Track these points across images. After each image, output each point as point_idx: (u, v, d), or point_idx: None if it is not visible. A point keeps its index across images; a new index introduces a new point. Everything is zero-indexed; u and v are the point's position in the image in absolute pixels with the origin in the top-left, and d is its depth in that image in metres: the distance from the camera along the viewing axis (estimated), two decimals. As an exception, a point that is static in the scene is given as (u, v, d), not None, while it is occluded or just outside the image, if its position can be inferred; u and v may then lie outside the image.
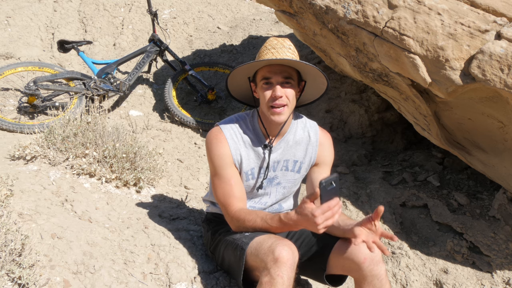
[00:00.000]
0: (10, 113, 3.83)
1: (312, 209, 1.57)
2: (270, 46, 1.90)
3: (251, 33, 5.65)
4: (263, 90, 1.89)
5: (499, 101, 2.46)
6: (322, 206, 1.55)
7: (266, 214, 1.83)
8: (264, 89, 1.89)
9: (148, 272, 1.99)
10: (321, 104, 4.39)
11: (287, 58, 1.85)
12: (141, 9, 5.67)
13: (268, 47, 1.90)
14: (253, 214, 1.85)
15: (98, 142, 2.83)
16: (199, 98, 4.39)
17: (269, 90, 1.87)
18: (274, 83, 1.87)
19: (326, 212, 1.55)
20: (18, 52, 4.79)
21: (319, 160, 2.08)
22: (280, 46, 1.89)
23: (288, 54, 1.88)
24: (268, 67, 1.88)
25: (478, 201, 3.27)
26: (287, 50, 1.89)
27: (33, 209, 2.17)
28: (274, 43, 1.91)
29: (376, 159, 4.01)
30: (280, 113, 1.88)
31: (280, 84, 1.86)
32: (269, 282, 1.61)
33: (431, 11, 2.43)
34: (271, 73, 1.87)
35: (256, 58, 1.94)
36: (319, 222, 1.55)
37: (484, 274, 2.80)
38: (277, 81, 1.87)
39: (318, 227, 1.57)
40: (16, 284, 1.66)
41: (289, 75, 1.88)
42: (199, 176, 3.53)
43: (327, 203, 1.55)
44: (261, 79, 1.90)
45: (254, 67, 1.94)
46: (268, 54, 1.88)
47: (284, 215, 1.72)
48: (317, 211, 1.55)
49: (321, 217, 1.55)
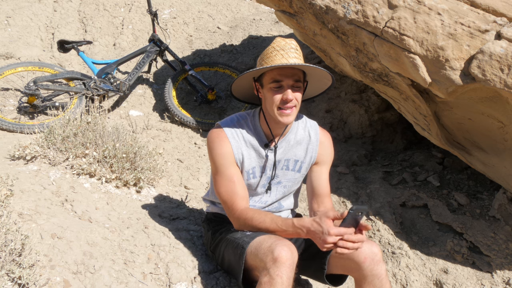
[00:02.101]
0: (10, 113, 3.83)
1: (330, 227, 1.60)
2: (278, 47, 1.88)
3: (251, 33, 5.65)
4: (272, 92, 1.88)
5: (499, 101, 2.46)
6: (340, 229, 1.60)
7: (275, 216, 1.84)
8: (274, 91, 1.87)
9: (148, 272, 1.99)
10: (321, 104, 4.39)
11: (299, 62, 1.85)
12: (141, 9, 5.67)
13: (277, 48, 1.88)
14: (262, 214, 1.85)
15: (98, 142, 2.83)
16: (199, 98, 4.39)
17: (279, 93, 1.86)
18: (285, 86, 1.86)
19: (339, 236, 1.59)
20: (18, 52, 4.79)
21: (319, 159, 2.09)
22: (289, 47, 1.88)
23: (296, 55, 1.88)
24: (279, 70, 1.87)
25: (478, 201, 3.27)
26: (295, 52, 1.88)
27: (33, 209, 2.17)
28: (282, 44, 1.89)
29: (376, 159, 4.01)
30: (288, 115, 1.89)
31: (291, 87, 1.86)
32: (268, 282, 1.61)
33: (431, 11, 2.43)
34: (282, 76, 1.86)
35: (262, 58, 1.91)
36: (329, 241, 1.60)
37: (484, 274, 2.80)
38: (288, 84, 1.86)
39: (325, 245, 1.61)
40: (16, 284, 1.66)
41: (299, 78, 1.88)
42: (199, 176, 3.53)
43: (345, 229, 1.60)
44: (271, 81, 1.87)
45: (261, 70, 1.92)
46: (277, 56, 1.86)
47: (297, 221, 1.73)
48: (334, 230, 1.59)
49: (334, 238, 1.59)
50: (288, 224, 1.76)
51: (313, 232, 1.65)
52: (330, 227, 1.60)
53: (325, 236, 1.60)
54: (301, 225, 1.70)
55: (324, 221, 1.62)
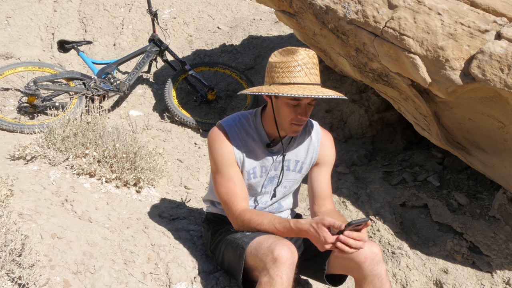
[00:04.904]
0: (10, 113, 3.83)
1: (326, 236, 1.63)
2: (302, 63, 1.78)
3: (251, 33, 5.65)
4: (289, 108, 1.84)
5: (499, 101, 2.46)
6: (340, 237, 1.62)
7: (274, 217, 1.84)
8: (291, 107, 1.83)
9: (148, 272, 1.99)
10: (321, 104, 4.39)
11: (330, 94, 1.80)
12: (141, 9, 5.67)
13: (301, 63, 1.78)
14: (260, 215, 1.85)
15: (98, 142, 2.83)
16: (199, 98, 4.39)
17: (295, 110, 1.84)
18: (302, 106, 1.84)
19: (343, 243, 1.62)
20: (18, 52, 4.79)
21: (319, 160, 2.08)
22: (311, 65, 1.80)
23: (316, 72, 1.82)
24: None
25: (478, 201, 3.27)
26: (316, 69, 1.82)
27: (33, 209, 2.17)
28: (306, 61, 1.79)
29: (376, 159, 4.01)
30: (300, 129, 1.91)
31: (307, 105, 1.85)
32: (268, 282, 1.61)
33: (431, 11, 2.43)
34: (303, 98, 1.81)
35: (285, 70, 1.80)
36: (327, 247, 1.64)
37: (484, 274, 2.80)
38: (305, 103, 1.84)
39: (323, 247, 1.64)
40: (16, 284, 1.66)
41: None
42: (199, 176, 3.53)
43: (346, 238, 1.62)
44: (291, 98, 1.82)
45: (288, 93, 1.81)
46: (301, 72, 1.78)
47: (295, 223, 1.74)
48: (331, 239, 1.62)
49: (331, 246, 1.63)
50: (285, 226, 1.77)
51: (311, 236, 1.69)
52: (326, 236, 1.63)
53: (323, 243, 1.64)
54: (298, 228, 1.73)
55: (321, 229, 1.65)
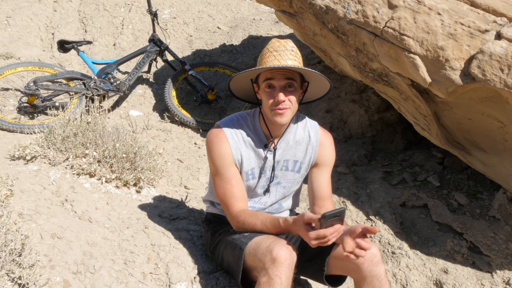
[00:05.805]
0: (10, 113, 3.83)
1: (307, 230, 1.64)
2: (272, 49, 1.89)
3: (251, 33, 5.65)
4: (265, 94, 1.89)
5: (499, 101, 2.46)
6: (319, 232, 1.62)
7: (266, 217, 1.85)
8: (266, 93, 1.88)
9: (148, 272, 1.99)
10: (321, 104, 4.39)
11: (288, 64, 1.84)
12: (141, 9, 5.67)
13: (271, 49, 1.89)
14: (253, 217, 1.87)
15: (98, 142, 2.83)
16: (199, 98, 4.39)
17: (271, 94, 1.87)
18: (276, 87, 1.86)
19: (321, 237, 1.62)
20: (18, 52, 4.79)
21: (318, 160, 2.08)
22: (283, 49, 1.88)
23: (290, 57, 1.87)
24: (270, 71, 1.87)
25: (478, 201, 3.27)
26: (290, 53, 1.88)
27: (33, 209, 2.17)
28: (277, 46, 1.89)
29: (376, 159, 4.01)
30: (282, 114, 1.87)
31: (282, 88, 1.86)
32: (267, 282, 1.61)
33: (431, 11, 2.43)
34: (273, 78, 1.86)
35: (259, 60, 1.93)
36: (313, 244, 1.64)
37: (484, 274, 2.80)
38: (279, 85, 1.86)
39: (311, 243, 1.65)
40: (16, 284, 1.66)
41: (291, 77, 1.87)
42: (199, 176, 3.54)
43: (324, 230, 1.62)
44: (264, 82, 1.89)
45: (256, 72, 1.93)
46: (270, 57, 1.87)
47: (283, 221, 1.77)
48: (313, 234, 1.63)
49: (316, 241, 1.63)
50: (275, 225, 1.81)
51: (297, 232, 1.72)
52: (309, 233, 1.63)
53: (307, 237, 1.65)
54: (286, 226, 1.77)
55: (300, 227, 1.67)
